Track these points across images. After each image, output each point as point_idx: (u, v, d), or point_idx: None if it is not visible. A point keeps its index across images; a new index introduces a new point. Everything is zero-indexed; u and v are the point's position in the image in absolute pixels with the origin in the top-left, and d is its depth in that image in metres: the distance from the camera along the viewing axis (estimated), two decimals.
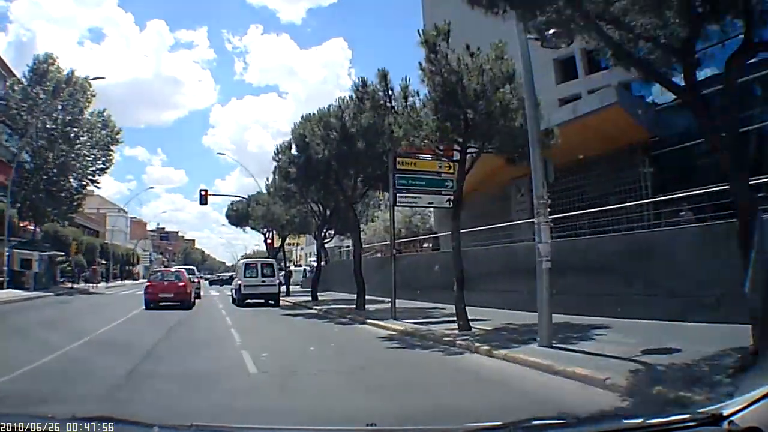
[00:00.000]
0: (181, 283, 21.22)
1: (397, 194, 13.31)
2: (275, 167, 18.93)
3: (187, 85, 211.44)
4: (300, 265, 57.68)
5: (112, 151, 37.64)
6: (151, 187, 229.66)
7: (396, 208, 14.80)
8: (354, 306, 17.57)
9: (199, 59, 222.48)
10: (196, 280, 27.45)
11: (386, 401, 5.79)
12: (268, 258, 28.32)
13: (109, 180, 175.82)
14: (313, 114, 17.00)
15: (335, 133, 15.49)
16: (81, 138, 35.30)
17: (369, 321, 14.18)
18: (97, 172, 37.05)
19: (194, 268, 35.38)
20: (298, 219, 27.79)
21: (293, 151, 17.82)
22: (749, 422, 2.15)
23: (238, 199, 37.46)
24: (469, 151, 11.26)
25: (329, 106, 16.52)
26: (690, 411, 2.98)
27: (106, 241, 62.54)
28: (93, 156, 36.34)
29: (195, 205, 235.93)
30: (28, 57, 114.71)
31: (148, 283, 21.76)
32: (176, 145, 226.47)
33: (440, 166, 13.64)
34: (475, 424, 2.73)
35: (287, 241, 55.94)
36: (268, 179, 24.28)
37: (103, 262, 59.82)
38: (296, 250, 70.73)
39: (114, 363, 7.82)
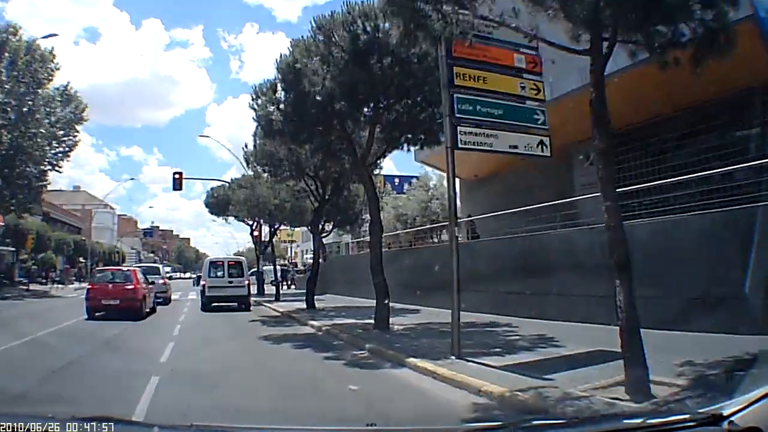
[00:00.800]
0: (130, 287, 15.95)
1: (459, 128, 7.13)
2: (255, 120, 12.82)
3: (182, 84, 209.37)
4: (295, 264, 52.06)
5: (77, 131, 33.08)
6: (132, 178, 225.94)
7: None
8: (371, 321, 11.43)
9: (195, 58, 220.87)
10: (161, 281, 21.67)
11: None
12: (238, 256, 25.84)
13: (104, 179, 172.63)
14: (308, 36, 11.00)
15: (341, 50, 9.63)
16: (37, 115, 30.37)
17: (411, 361, 7.57)
18: (59, 155, 32.34)
19: (159, 266, 29.02)
20: (290, 203, 21.85)
21: (279, 93, 11.88)
22: (749, 422, 2.04)
23: (219, 184, 31.50)
24: (606, 36, 5.61)
25: (332, 12, 10.22)
26: (690, 411, 2.77)
27: (83, 238, 56.99)
28: (53, 136, 31.65)
29: (192, 203, 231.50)
30: None
31: (90, 286, 16.88)
32: (173, 144, 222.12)
33: (523, 87, 7.79)
34: (475, 425, 2.72)
35: (282, 237, 50.55)
36: (246, 146, 18.38)
37: (81, 260, 54.86)
38: (291, 247, 65.07)
39: None
